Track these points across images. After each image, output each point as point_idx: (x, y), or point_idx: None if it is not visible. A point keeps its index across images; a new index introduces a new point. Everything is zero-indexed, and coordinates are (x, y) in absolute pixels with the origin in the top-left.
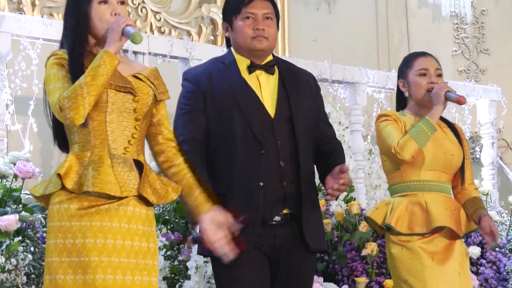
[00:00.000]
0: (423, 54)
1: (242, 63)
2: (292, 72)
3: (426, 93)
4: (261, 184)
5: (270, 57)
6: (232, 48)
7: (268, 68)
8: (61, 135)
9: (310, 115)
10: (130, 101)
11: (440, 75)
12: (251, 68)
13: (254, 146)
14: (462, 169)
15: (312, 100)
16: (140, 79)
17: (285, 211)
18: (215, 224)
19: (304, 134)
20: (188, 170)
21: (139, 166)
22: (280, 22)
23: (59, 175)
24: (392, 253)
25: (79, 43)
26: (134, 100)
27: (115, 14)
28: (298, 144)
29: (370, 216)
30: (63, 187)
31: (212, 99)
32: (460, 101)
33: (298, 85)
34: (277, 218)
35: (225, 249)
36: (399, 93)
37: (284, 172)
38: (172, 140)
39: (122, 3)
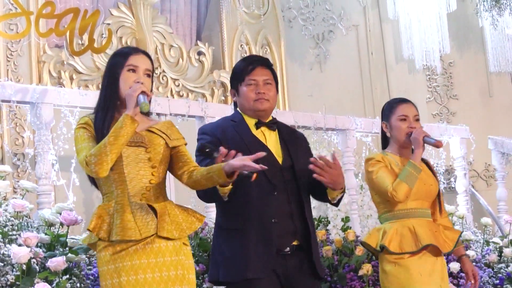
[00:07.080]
0: (404, 101)
1: (250, 121)
2: (288, 130)
3: (406, 136)
4: (274, 220)
5: (271, 117)
6: (238, 109)
7: (270, 126)
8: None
9: (305, 164)
10: (143, 152)
11: (417, 120)
12: (258, 125)
13: (267, 188)
14: (439, 197)
15: (306, 153)
16: (153, 132)
17: (295, 243)
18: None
19: (303, 179)
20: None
21: (154, 210)
22: (279, 81)
23: (89, 230)
24: (386, 270)
25: (109, 104)
26: (147, 151)
27: (138, 82)
28: (300, 187)
29: (365, 241)
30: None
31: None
32: (437, 145)
33: (294, 141)
34: (287, 249)
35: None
36: (384, 133)
37: (294, 210)
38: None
39: (148, 75)
